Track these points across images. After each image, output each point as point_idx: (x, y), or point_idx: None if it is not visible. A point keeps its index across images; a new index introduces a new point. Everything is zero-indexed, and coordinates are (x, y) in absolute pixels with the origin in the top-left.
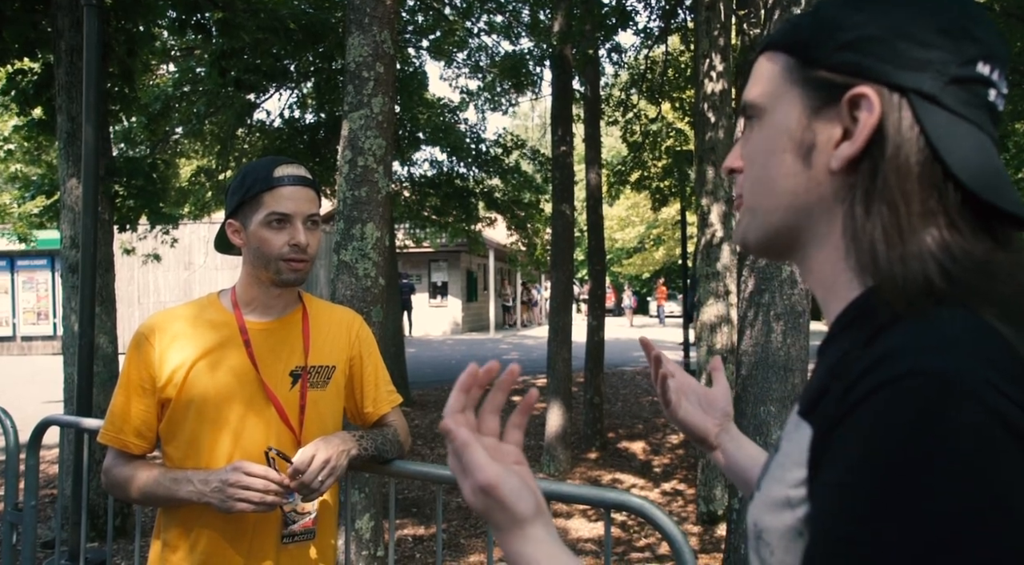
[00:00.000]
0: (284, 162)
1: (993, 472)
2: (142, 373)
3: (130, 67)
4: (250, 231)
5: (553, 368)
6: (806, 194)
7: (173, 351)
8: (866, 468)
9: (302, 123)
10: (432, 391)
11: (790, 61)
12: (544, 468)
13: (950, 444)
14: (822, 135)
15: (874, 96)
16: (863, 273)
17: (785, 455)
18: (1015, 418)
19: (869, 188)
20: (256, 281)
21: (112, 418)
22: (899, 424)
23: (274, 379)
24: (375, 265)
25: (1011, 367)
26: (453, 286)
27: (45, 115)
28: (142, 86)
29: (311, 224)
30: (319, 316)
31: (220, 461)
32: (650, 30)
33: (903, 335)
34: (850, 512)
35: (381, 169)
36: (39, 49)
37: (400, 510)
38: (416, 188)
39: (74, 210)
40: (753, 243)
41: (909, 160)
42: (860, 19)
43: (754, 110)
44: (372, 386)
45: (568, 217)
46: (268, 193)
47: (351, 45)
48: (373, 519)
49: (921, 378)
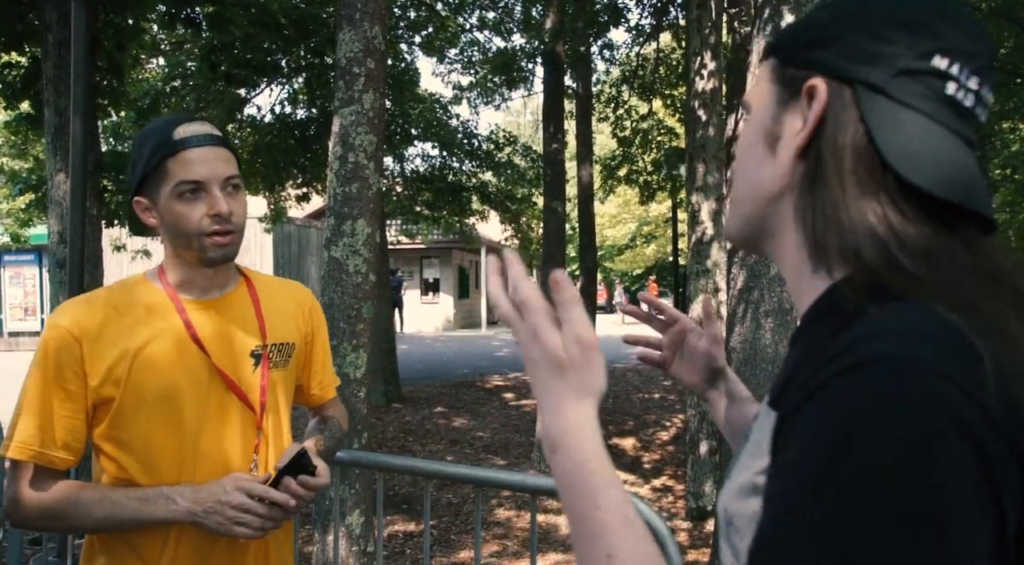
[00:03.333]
0: (185, 120)
1: (931, 461)
2: (65, 373)
3: (119, 61)
4: (161, 206)
5: None
6: (771, 183)
7: (104, 344)
8: (813, 447)
9: (293, 118)
10: (423, 388)
11: (774, 62)
12: (536, 464)
13: (894, 427)
14: (787, 126)
15: (822, 86)
16: (816, 259)
17: (754, 444)
18: (962, 407)
19: (814, 173)
20: (182, 262)
21: (26, 428)
22: (850, 407)
23: (230, 362)
24: (366, 261)
25: (963, 357)
26: (445, 283)
27: (32, 109)
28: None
29: (231, 189)
30: (268, 291)
31: (182, 462)
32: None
33: (866, 326)
34: (794, 489)
35: (372, 165)
36: (26, 42)
37: (390, 506)
38: (408, 183)
39: (62, 205)
40: (734, 234)
41: (845, 144)
42: (828, 19)
43: (746, 108)
44: (320, 366)
45: (560, 214)
46: (172, 159)
47: (342, 40)
48: (363, 515)
49: (878, 365)
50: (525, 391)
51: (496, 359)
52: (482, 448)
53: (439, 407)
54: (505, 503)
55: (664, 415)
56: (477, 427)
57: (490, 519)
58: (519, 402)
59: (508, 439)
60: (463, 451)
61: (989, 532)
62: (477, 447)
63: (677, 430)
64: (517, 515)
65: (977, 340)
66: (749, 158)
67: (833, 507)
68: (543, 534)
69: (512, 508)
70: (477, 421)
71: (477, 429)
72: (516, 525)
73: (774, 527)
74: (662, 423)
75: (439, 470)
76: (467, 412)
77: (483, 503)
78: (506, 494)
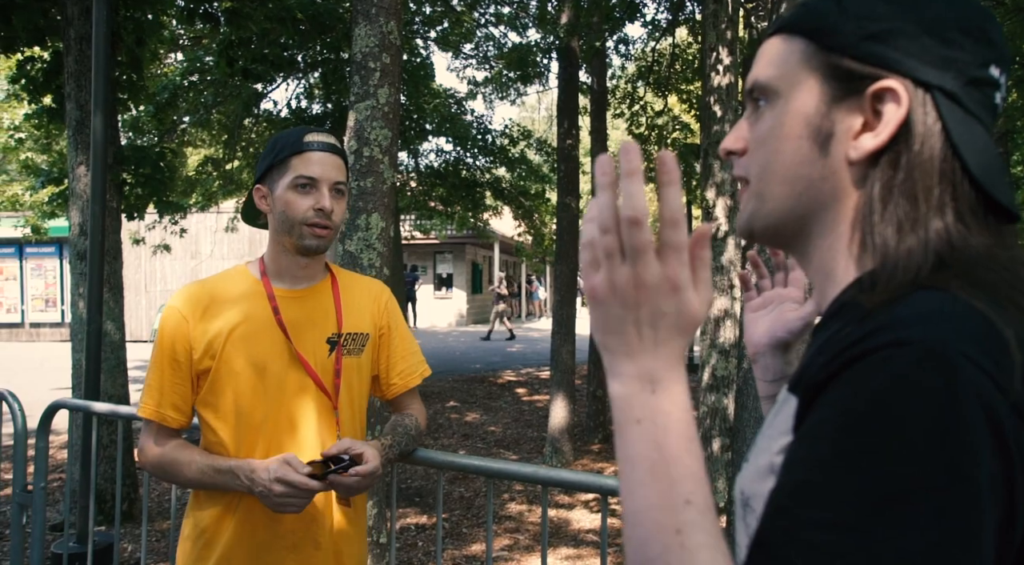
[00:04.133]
0: (315, 130)
1: (953, 440)
2: (176, 347)
3: (138, 56)
4: (276, 195)
5: (557, 361)
6: (821, 182)
7: (206, 323)
8: (836, 422)
9: (309, 113)
10: (436, 382)
11: (809, 46)
12: (547, 460)
13: (917, 407)
14: (841, 124)
15: (902, 90)
16: (863, 261)
17: (771, 427)
18: (986, 391)
19: (889, 180)
20: (282, 249)
21: (150, 392)
22: (873, 386)
23: (309, 347)
24: (380, 255)
25: (989, 344)
26: (458, 278)
27: (54, 103)
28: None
29: (337, 192)
30: (348, 285)
31: (263, 430)
32: (658, 22)
33: (894, 312)
34: (812, 459)
35: (386, 160)
36: (48, 37)
37: (404, 499)
38: (423, 178)
39: (83, 198)
40: (759, 229)
41: (933, 155)
42: (888, 11)
43: (765, 92)
44: (399, 357)
45: (573, 210)
46: (297, 157)
47: (357, 35)
48: (376, 506)
49: (903, 347)
50: (537, 386)
51: (508, 354)
52: (494, 443)
53: (452, 401)
54: (517, 497)
55: None
56: (489, 422)
57: (502, 513)
58: (531, 397)
59: (520, 434)
60: (475, 446)
61: (1000, 515)
62: (489, 442)
63: None
64: (529, 509)
65: (1005, 329)
66: (789, 152)
67: (851, 481)
68: (554, 528)
69: (524, 502)
70: (489, 416)
71: (489, 424)
72: (528, 519)
73: (789, 493)
74: None
75: (451, 462)
76: (479, 407)
77: (496, 498)
78: (518, 488)
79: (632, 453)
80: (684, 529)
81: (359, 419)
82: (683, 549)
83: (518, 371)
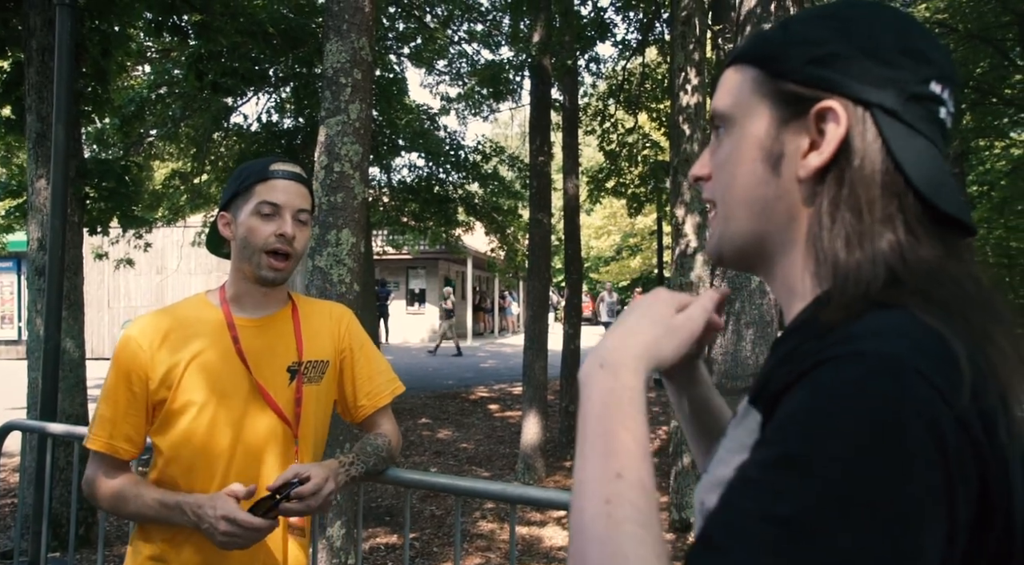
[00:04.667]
0: (281, 160)
1: (893, 448)
2: (132, 377)
3: (104, 68)
4: (239, 221)
5: (529, 376)
6: (776, 201)
7: (164, 352)
8: (787, 428)
9: (280, 128)
10: (408, 399)
11: (759, 74)
12: (520, 476)
13: (862, 413)
14: (790, 145)
15: (841, 109)
16: (820, 277)
17: (732, 439)
18: (933, 404)
19: (835, 196)
20: (242, 277)
21: (102, 423)
22: (827, 395)
23: (269, 376)
24: (350, 271)
25: (941, 360)
26: (431, 293)
27: (14, 115)
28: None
29: (300, 220)
30: (308, 312)
31: (221, 461)
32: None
33: (851, 329)
34: (763, 461)
35: (357, 175)
36: (9, 47)
37: (374, 518)
38: (395, 194)
39: (42, 211)
40: (728, 253)
41: (873, 169)
42: (827, 36)
43: (723, 120)
44: (365, 379)
45: (545, 226)
46: (261, 184)
47: (329, 51)
48: (345, 526)
49: (858, 358)
50: (510, 402)
51: (481, 370)
52: (466, 460)
53: (424, 418)
54: (488, 515)
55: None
56: (461, 439)
57: (473, 531)
58: (504, 414)
59: (492, 451)
60: (447, 463)
61: (943, 525)
62: (461, 459)
63: (661, 442)
64: (501, 527)
65: (957, 345)
66: (746, 176)
67: (791, 479)
68: (526, 546)
69: (495, 520)
70: (461, 433)
71: (461, 441)
72: (499, 537)
73: (733, 488)
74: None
75: (420, 480)
76: (451, 423)
77: (467, 516)
78: (489, 506)
79: (583, 427)
80: (613, 500)
81: (320, 447)
82: (609, 518)
83: (491, 387)
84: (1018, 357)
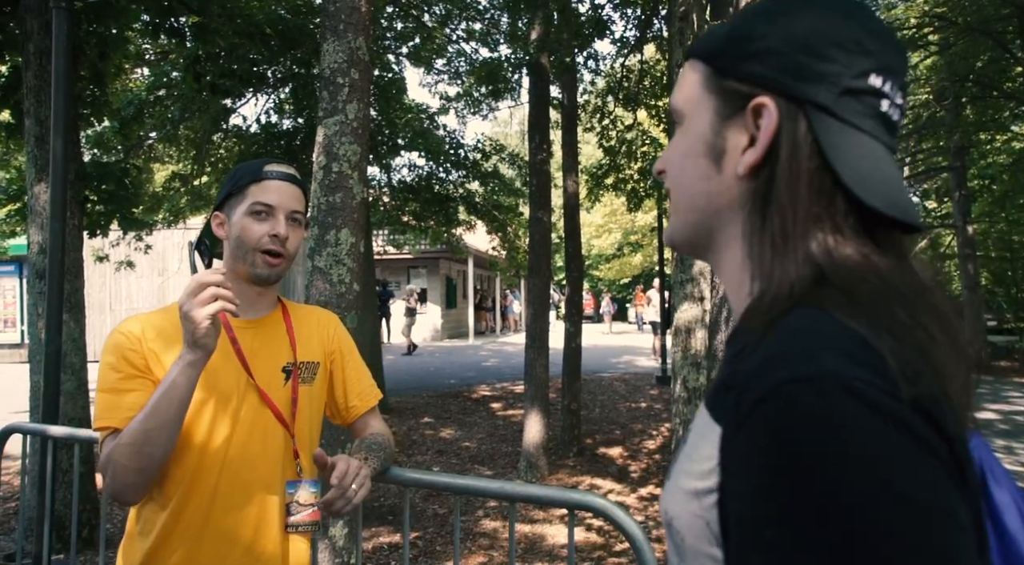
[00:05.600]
0: (276, 161)
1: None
2: (134, 360)
3: (102, 71)
4: (233, 221)
5: (531, 375)
6: (718, 197)
7: (160, 349)
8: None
9: (279, 128)
10: (410, 398)
11: (706, 69)
12: (522, 474)
13: (833, 442)
14: (731, 141)
15: (772, 106)
16: (757, 276)
17: (692, 447)
18: (888, 405)
19: (766, 194)
20: (234, 277)
21: (107, 406)
22: (788, 432)
23: (265, 376)
24: (349, 271)
25: (870, 361)
26: (432, 293)
27: (13, 119)
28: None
29: (293, 221)
30: (299, 315)
31: (217, 460)
32: (626, 39)
33: (777, 343)
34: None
35: (356, 175)
36: (6, 51)
37: (376, 518)
38: (395, 193)
39: (42, 215)
40: (678, 241)
41: (800, 167)
42: (765, 31)
43: (678, 115)
44: (355, 379)
45: (545, 223)
46: (255, 184)
47: (326, 51)
48: (347, 526)
49: (795, 385)
50: (512, 401)
51: (483, 369)
52: (469, 458)
53: (426, 417)
54: (491, 513)
55: (650, 424)
56: (464, 437)
57: (476, 530)
58: (506, 412)
59: (495, 449)
60: (450, 461)
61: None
62: (464, 457)
63: (663, 439)
64: (503, 526)
65: (878, 342)
66: (692, 169)
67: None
68: (529, 544)
69: (498, 518)
70: (464, 431)
71: (464, 439)
72: (502, 536)
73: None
74: (648, 432)
75: (420, 479)
76: (454, 422)
77: (469, 514)
78: (492, 505)
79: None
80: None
81: (315, 446)
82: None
83: (492, 386)
84: (951, 344)
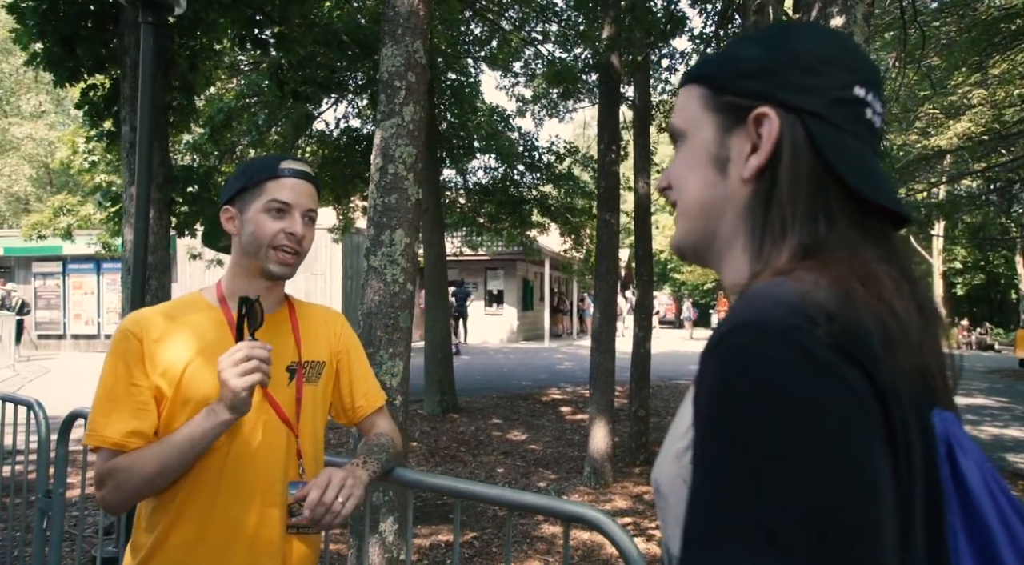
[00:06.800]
0: (291, 158)
1: (799, 395)
2: (132, 368)
3: (191, 81)
4: (247, 217)
5: (596, 379)
6: (724, 201)
7: (163, 349)
8: (707, 414)
9: (358, 133)
10: (481, 399)
11: (705, 91)
12: (586, 481)
13: (762, 377)
14: (735, 150)
15: (773, 114)
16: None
17: (680, 416)
18: (817, 351)
19: (769, 193)
20: (244, 273)
21: (100, 418)
22: (725, 370)
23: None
24: (403, 271)
25: (810, 315)
26: (509, 294)
27: (113, 127)
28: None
29: (308, 219)
30: (305, 313)
31: (220, 459)
32: (705, 35)
33: (741, 304)
34: (701, 452)
35: (411, 177)
36: (108, 65)
37: (435, 516)
38: (471, 195)
39: (133, 216)
40: (685, 247)
41: (802, 166)
42: (759, 54)
43: (679, 135)
44: (361, 379)
45: (613, 226)
46: (272, 181)
47: (384, 55)
48: (397, 522)
49: (739, 330)
50: (582, 405)
51: (556, 372)
52: (534, 461)
53: (495, 418)
54: (551, 518)
55: None
56: (531, 440)
57: (534, 534)
58: (575, 416)
59: (561, 453)
60: (514, 463)
61: (885, 453)
62: (529, 460)
63: None
64: (560, 532)
65: (818, 296)
66: (698, 180)
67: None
68: (586, 553)
69: (558, 523)
70: (531, 434)
71: (531, 442)
72: (560, 541)
73: (696, 488)
74: None
75: (420, 480)
76: (522, 424)
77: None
78: None
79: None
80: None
81: (319, 447)
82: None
83: (564, 389)
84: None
